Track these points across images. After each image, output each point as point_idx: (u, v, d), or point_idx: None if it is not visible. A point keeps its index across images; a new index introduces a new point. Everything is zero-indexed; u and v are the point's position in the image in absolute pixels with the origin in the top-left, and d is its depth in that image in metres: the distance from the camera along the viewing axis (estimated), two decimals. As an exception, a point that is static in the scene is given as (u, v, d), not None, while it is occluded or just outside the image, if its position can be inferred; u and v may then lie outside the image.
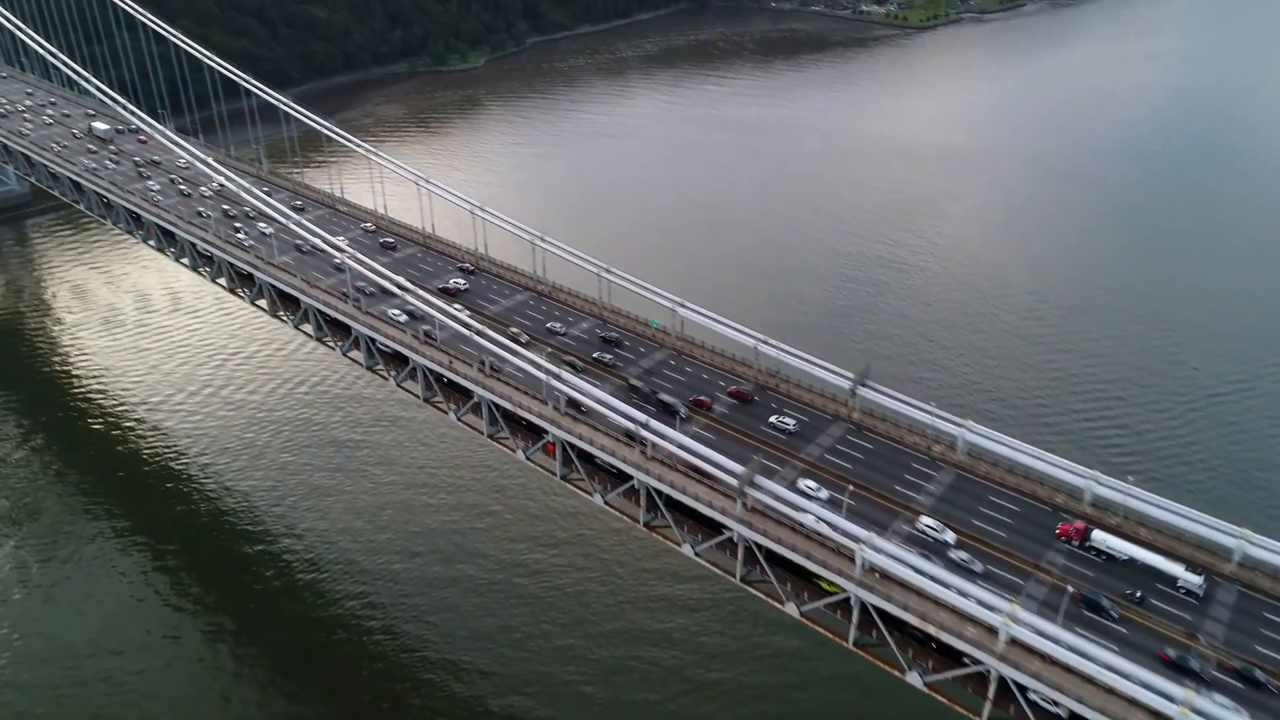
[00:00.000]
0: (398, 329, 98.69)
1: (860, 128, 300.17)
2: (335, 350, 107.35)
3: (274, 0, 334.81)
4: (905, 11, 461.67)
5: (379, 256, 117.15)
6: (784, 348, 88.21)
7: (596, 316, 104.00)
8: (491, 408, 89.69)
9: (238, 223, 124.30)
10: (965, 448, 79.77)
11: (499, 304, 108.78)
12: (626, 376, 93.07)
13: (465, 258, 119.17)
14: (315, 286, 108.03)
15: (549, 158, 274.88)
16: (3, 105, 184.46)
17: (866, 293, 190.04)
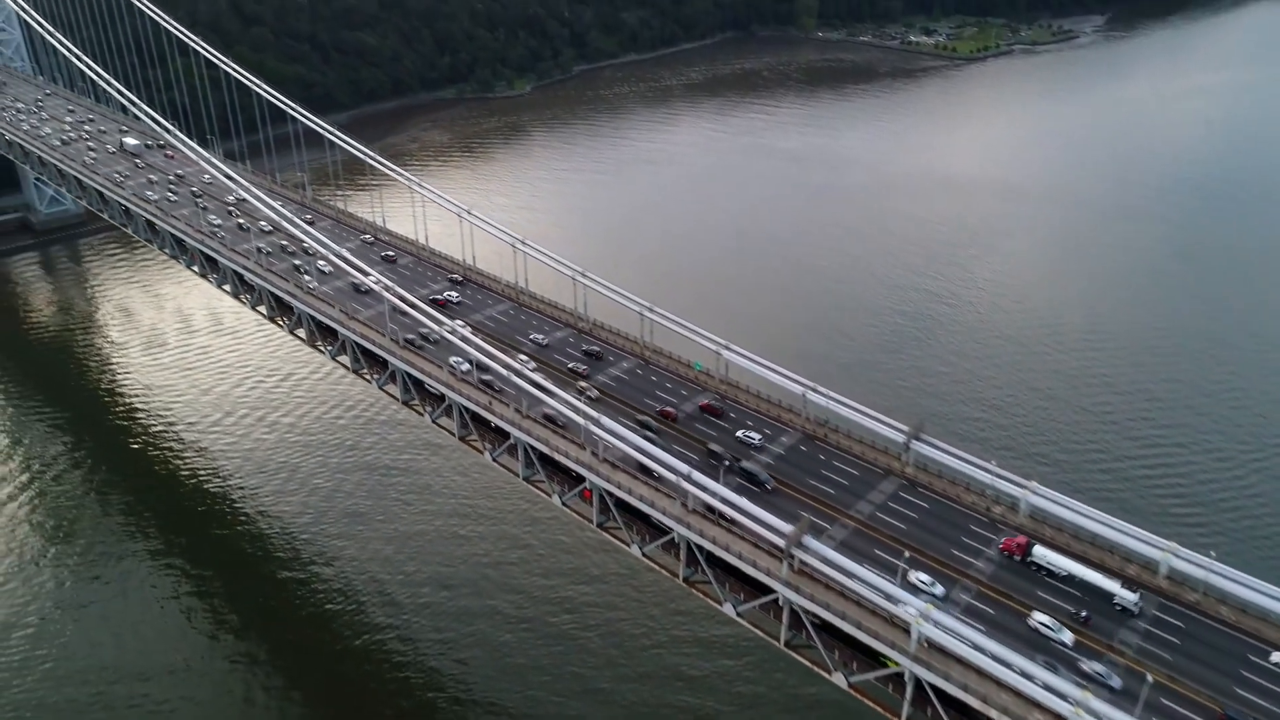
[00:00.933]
0: (434, 365, 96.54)
1: (907, 160, 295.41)
2: (372, 384, 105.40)
3: (327, 27, 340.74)
4: (954, 42, 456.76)
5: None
6: (834, 396, 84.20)
7: (638, 356, 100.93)
8: (528, 450, 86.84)
9: (297, 260, 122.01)
10: (1028, 510, 74.93)
11: (537, 341, 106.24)
12: (705, 441, 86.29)
13: (506, 291, 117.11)
14: (354, 318, 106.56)
15: (592, 185, 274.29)
16: (64, 131, 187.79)
17: (915, 328, 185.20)
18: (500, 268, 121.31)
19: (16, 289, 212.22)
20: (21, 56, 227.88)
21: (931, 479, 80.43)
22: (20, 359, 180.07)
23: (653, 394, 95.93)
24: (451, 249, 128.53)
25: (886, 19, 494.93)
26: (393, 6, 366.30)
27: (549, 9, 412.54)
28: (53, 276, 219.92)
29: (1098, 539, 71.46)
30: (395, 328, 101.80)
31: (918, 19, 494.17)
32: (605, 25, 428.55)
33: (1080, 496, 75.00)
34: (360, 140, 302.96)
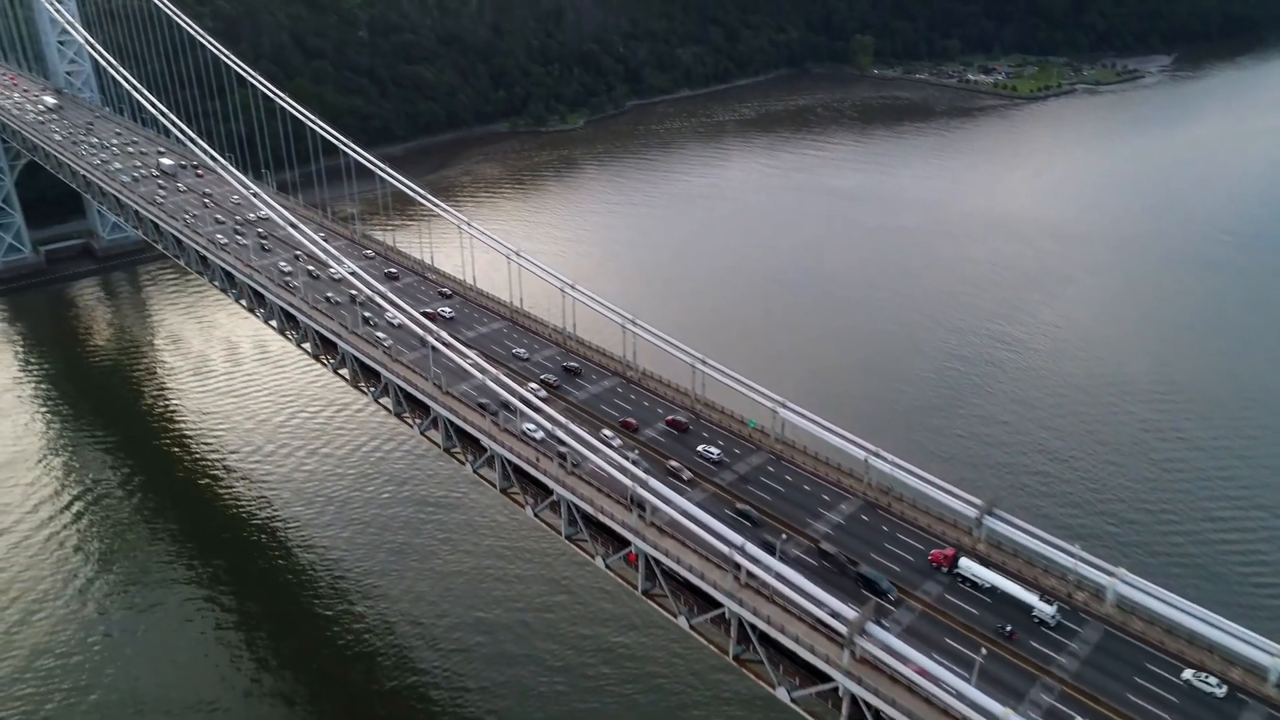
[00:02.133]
0: (477, 413, 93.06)
1: (965, 200, 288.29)
2: (414, 428, 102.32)
3: (385, 61, 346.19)
4: (1014, 81, 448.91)
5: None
6: (900, 463, 78.53)
7: (689, 410, 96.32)
8: (571, 508, 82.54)
9: (365, 312, 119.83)
10: (1115, 599, 68.29)
11: (586, 390, 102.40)
12: (815, 537, 77.51)
13: (552, 335, 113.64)
14: (397, 360, 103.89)
15: (642, 219, 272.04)
16: (108, 150, 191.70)
17: (974, 374, 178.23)
18: (548, 310, 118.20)
19: (78, 313, 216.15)
20: (90, 87, 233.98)
21: (1006, 558, 74.10)
22: (78, 382, 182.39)
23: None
24: (499, 288, 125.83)
25: (944, 57, 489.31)
26: (451, 42, 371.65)
27: (604, 45, 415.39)
28: (112, 302, 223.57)
29: (1198, 638, 64.44)
30: (439, 372, 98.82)
31: (976, 57, 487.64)
32: (659, 61, 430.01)
33: (1163, 574, 68.32)
34: (414, 172, 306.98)
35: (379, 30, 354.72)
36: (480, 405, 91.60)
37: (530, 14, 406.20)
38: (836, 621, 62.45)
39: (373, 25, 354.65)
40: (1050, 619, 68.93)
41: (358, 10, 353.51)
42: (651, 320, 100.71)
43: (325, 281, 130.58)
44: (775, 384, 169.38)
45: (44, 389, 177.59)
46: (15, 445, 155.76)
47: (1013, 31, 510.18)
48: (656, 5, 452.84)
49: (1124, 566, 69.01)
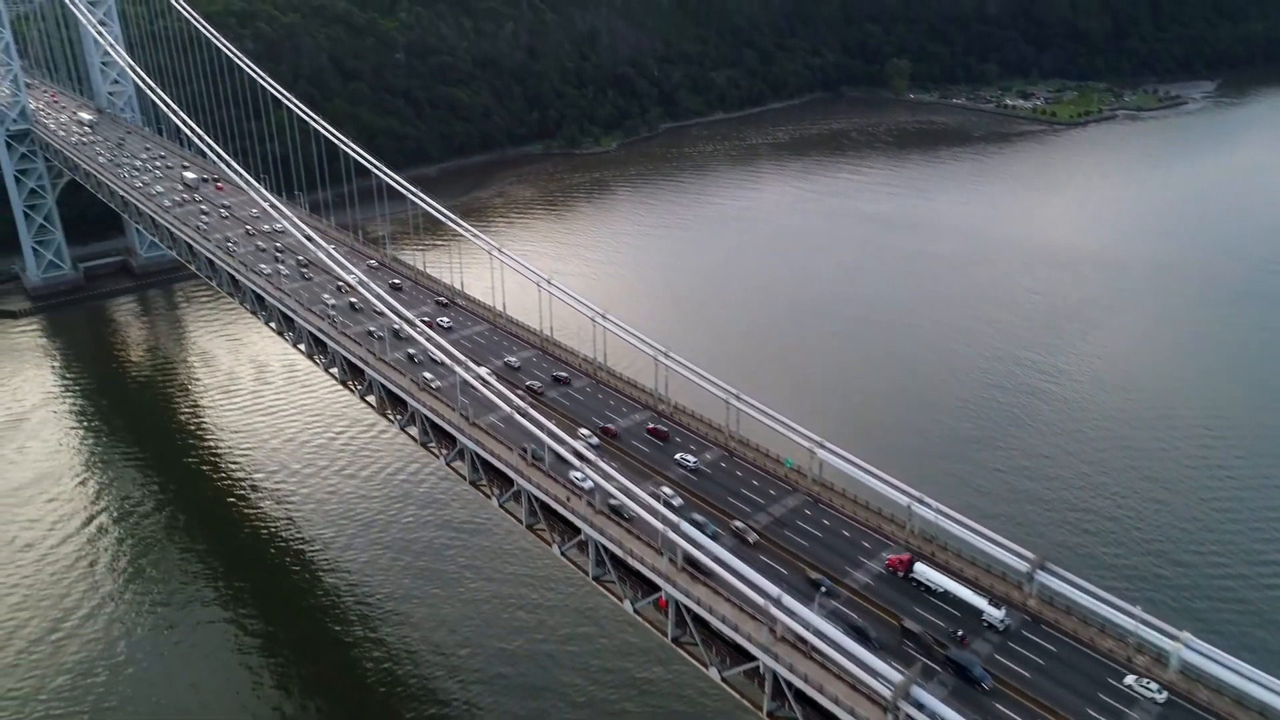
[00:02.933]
0: (505, 446, 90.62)
1: (1003, 228, 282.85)
2: (439, 459, 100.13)
3: (422, 83, 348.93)
4: (1053, 106, 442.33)
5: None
6: (945, 511, 74.69)
7: (722, 447, 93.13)
8: (600, 549, 79.58)
9: (401, 346, 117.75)
10: (1179, 666, 63.82)
11: (616, 422, 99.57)
12: (900, 618, 72.02)
13: (582, 365, 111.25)
14: (425, 390, 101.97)
15: (675, 243, 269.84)
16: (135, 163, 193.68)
17: (1014, 406, 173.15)
18: (579, 339, 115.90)
19: (114, 330, 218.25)
20: (132, 107, 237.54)
21: (1060, 616, 69.83)
22: (112, 397, 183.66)
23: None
24: (529, 313, 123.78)
25: (981, 82, 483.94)
26: (486, 64, 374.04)
27: (638, 68, 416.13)
28: (148, 319, 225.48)
29: (1270, 709, 59.76)
30: (466, 401, 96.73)
31: (1014, 82, 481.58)
32: (694, 84, 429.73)
33: (1215, 618, 63.68)
34: (447, 193, 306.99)
35: (416, 53, 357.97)
36: (524, 450, 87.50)
37: (565, 37, 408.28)
38: (879, 683, 58.75)
39: (410, 48, 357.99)
40: (999, 623, 70.64)
41: (395, 33, 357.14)
42: (684, 344, 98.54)
43: (364, 310, 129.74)
44: (810, 410, 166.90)
45: (79, 404, 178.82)
46: (49, 460, 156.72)
47: (1051, 56, 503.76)
48: (691, 28, 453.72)
49: (1187, 630, 64.52)
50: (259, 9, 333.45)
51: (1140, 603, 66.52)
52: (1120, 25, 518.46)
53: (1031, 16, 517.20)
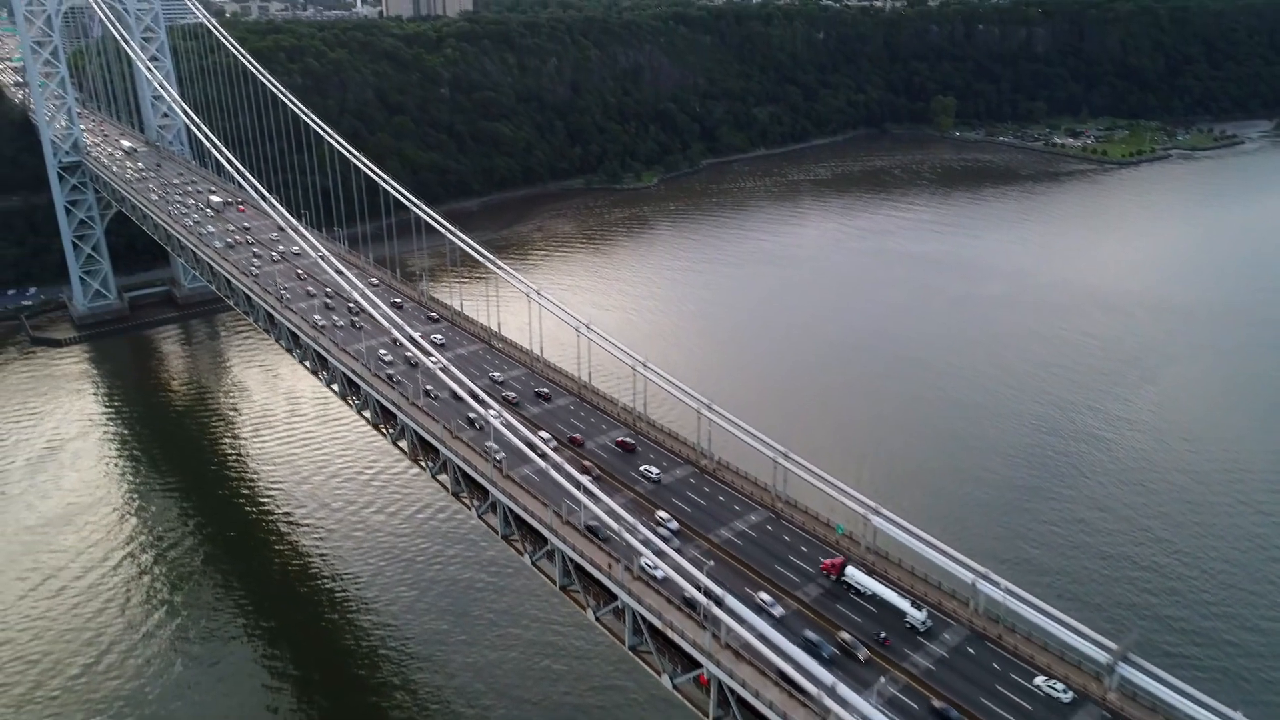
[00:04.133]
0: (540, 503, 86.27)
1: (1053, 270, 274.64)
2: (470, 510, 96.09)
3: (465, 118, 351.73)
4: (1104, 145, 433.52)
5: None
6: (1013, 588, 68.61)
7: (768, 508, 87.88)
8: (638, 618, 74.59)
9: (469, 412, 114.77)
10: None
11: (660, 479, 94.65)
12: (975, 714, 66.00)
13: (622, 416, 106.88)
14: (457, 437, 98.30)
15: (715, 282, 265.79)
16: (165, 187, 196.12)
17: (1067, 462, 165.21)
18: (619, 387, 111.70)
19: (155, 359, 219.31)
20: (181, 141, 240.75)
21: (1145, 715, 63.16)
22: (153, 426, 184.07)
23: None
24: (568, 361, 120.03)
25: (1029, 120, 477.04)
26: (530, 99, 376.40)
27: (680, 104, 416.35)
28: (189, 348, 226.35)
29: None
30: (495, 446, 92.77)
31: (1063, 120, 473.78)
32: (736, 120, 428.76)
33: None
34: (488, 227, 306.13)
35: (460, 88, 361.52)
36: (590, 530, 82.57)
37: (608, 72, 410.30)
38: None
39: (454, 83, 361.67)
40: (920, 624, 72.98)
41: (441, 68, 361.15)
42: (726, 385, 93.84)
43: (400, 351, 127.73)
44: (858, 455, 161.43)
45: (116, 433, 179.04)
46: (89, 488, 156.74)
47: (1101, 94, 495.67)
48: (734, 64, 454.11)
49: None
50: (308, 45, 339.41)
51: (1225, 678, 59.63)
52: (1173, 63, 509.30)
53: (1080, 54, 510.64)
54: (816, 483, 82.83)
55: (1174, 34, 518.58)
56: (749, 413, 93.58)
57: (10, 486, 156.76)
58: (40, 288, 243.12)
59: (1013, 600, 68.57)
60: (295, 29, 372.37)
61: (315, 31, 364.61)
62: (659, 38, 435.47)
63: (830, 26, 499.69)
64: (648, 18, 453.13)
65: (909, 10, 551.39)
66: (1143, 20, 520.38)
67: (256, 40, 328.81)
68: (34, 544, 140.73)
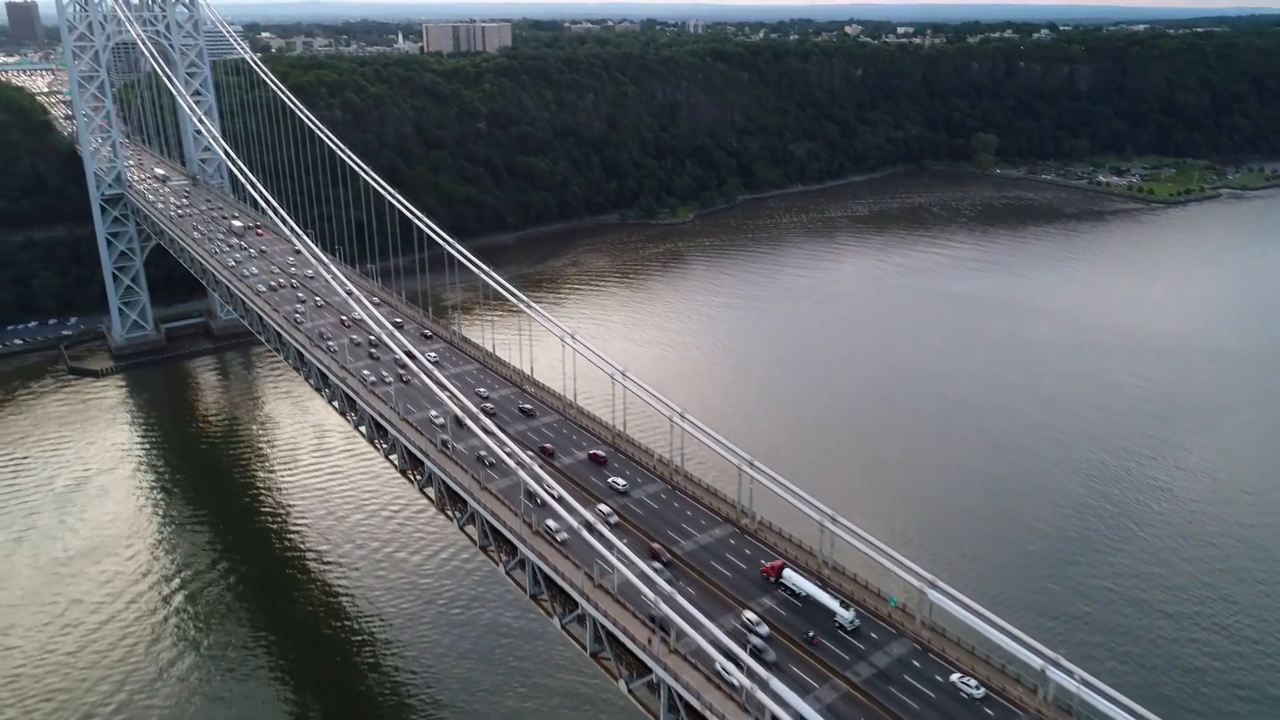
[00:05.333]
0: (572, 563, 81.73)
1: (1100, 312, 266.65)
2: (499, 567, 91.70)
3: (502, 152, 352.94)
4: (1150, 184, 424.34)
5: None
6: (1090, 680, 62.39)
7: (814, 574, 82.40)
8: (673, 695, 69.37)
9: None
10: None
11: (694, 541, 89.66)
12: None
13: (657, 467, 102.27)
14: (486, 489, 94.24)
15: (751, 318, 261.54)
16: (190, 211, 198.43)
17: (1118, 515, 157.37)
18: (655, 438, 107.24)
19: (189, 391, 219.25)
20: (221, 174, 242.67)
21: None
22: (180, 460, 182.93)
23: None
24: (601, 407, 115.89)
25: (1072, 157, 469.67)
26: (566, 134, 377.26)
27: (717, 140, 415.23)
28: (223, 380, 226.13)
29: None
30: (528, 503, 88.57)
31: (1106, 158, 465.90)
32: (773, 155, 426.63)
33: None
34: (522, 261, 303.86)
35: (498, 122, 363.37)
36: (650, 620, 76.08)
37: (645, 109, 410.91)
38: None
39: (492, 117, 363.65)
40: (849, 623, 76.05)
41: (479, 103, 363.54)
42: (761, 425, 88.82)
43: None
44: (901, 497, 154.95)
45: (146, 465, 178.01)
46: (116, 522, 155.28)
47: (1147, 132, 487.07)
48: (771, 100, 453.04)
49: None
50: (349, 80, 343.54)
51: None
52: (1220, 101, 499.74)
53: (1124, 91, 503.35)
54: (866, 549, 77.34)
55: (1221, 71, 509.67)
56: (783, 454, 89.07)
57: (39, 518, 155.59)
58: (81, 317, 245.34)
59: (1087, 691, 62.34)
60: (337, 64, 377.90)
61: (356, 66, 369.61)
62: (696, 74, 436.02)
63: (869, 63, 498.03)
64: (685, 54, 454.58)
65: (949, 47, 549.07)
66: (1188, 57, 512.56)
67: (299, 75, 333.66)
68: (59, 577, 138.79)
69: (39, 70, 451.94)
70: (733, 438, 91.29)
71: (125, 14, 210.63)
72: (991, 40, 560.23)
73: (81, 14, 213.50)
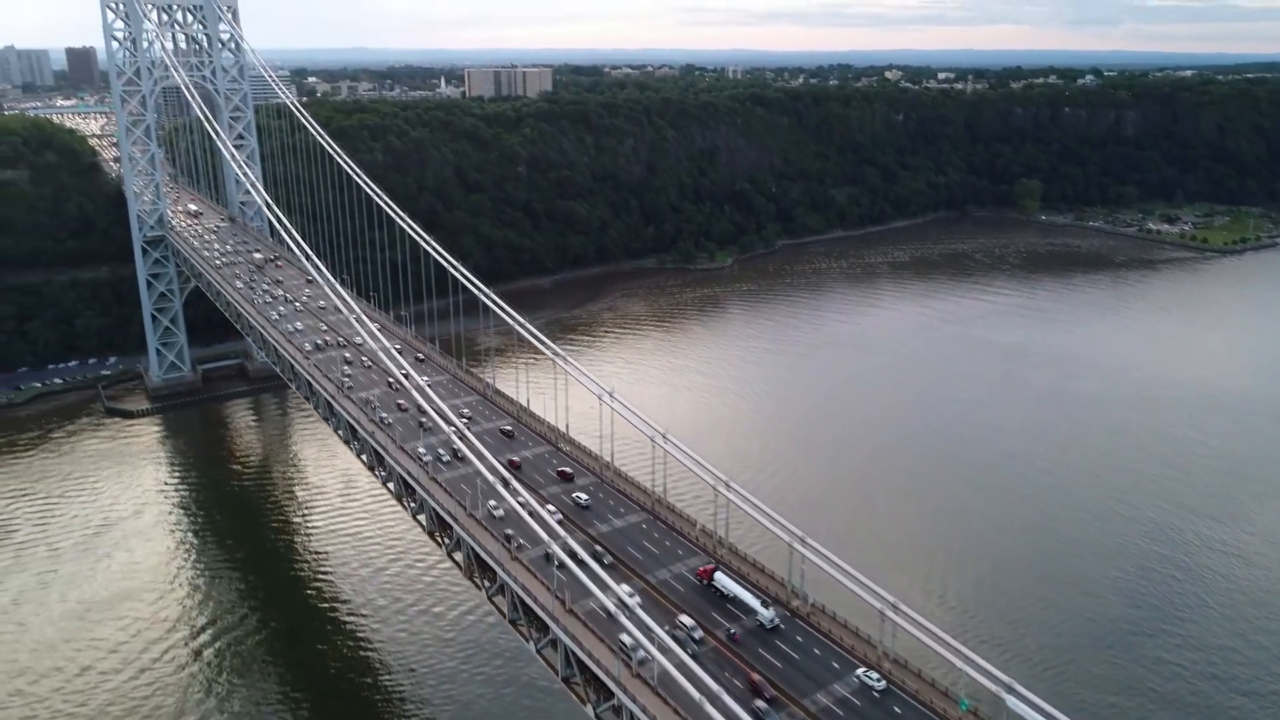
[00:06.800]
0: (608, 647, 75.57)
1: (1154, 365, 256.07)
2: (529, 644, 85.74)
3: (541, 196, 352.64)
4: (1203, 232, 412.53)
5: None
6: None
7: (874, 666, 75.24)
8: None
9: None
10: None
11: (742, 622, 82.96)
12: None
13: (699, 538, 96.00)
14: (517, 558, 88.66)
15: (790, 367, 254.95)
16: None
17: (1185, 582, 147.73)
18: (697, 506, 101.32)
19: (223, 433, 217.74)
20: (260, 217, 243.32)
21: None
22: (209, 505, 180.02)
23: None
24: (639, 468, 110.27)
25: (1119, 204, 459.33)
26: (605, 179, 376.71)
27: (756, 184, 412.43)
28: (258, 423, 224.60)
29: None
30: (563, 577, 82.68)
31: (1156, 205, 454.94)
32: (812, 201, 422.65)
33: None
34: (559, 305, 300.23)
35: (537, 166, 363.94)
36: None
37: (685, 153, 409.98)
38: None
39: (532, 162, 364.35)
40: (769, 621, 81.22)
41: (519, 147, 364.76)
42: (807, 484, 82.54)
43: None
44: (956, 553, 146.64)
45: (180, 509, 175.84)
46: (147, 565, 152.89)
47: (1197, 179, 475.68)
48: (811, 145, 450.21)
49: None
50: (391, 124, 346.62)
51: None
52: (1275, 148, 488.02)
53: (1174, 137, 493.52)
54: (930, 641, 70.29)
55: (1274, 117, 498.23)
56: (827, 510, 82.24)
57: (62, 564, 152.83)
58: (121, 357, 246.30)
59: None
60: (380, 108, 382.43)
61: (399, 111, 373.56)
62: (736, 119, 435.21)
63: (910, 108, 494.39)
64: (725, 99, 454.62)
65: (991, 92, 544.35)
66: (1239, 103, 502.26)
67: (343, 119, 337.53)
68: (78, 629, 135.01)
69: (93, 113, 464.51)
70: (778, 494, 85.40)
71: (171, 60, 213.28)
72: (1035, 86, 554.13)
73: (130, 59, 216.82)
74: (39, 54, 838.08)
